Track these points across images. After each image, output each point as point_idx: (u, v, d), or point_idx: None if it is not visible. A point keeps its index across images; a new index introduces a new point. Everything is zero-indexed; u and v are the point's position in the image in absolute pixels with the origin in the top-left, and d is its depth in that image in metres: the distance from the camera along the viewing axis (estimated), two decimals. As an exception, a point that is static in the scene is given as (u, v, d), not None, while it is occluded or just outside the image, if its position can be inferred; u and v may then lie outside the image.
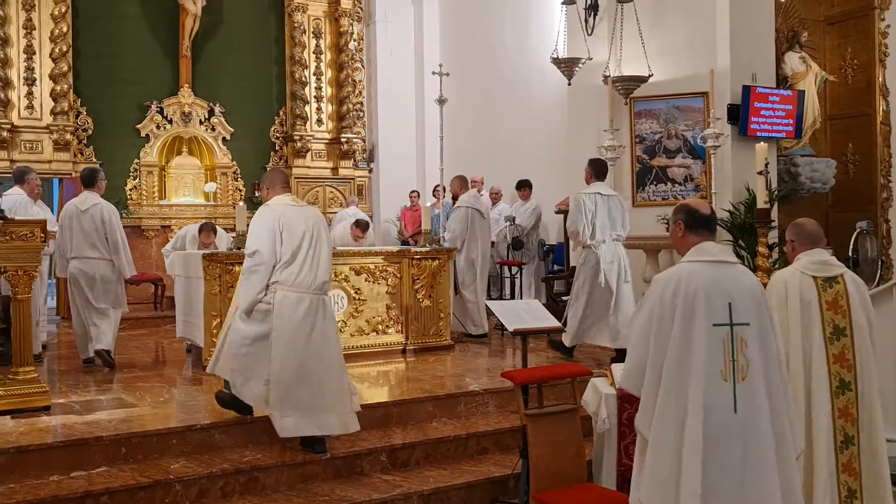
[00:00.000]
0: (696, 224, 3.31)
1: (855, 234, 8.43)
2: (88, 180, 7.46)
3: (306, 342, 4.90)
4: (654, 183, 9.16)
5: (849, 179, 10.54)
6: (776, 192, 8.58)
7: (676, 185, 9.07)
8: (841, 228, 9.96)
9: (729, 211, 8.47)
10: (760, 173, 7.59)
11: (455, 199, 9.27)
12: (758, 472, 3.03)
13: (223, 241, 8.78)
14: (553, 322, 5.35)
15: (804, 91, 9.57)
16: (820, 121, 10.03)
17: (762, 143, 7.94)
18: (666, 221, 8.63)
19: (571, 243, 9.21)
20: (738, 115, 8.67)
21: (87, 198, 7.31)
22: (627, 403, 4.78)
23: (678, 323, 3.10)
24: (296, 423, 4.84)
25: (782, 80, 9.73)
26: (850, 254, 8.28)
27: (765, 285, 4.12)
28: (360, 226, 10.36)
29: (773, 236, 8.23)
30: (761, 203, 7.63)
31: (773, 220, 8.13)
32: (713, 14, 8.79)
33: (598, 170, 7.53)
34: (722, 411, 3.04)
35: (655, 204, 9.08)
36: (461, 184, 9.14)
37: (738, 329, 3.09)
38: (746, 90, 8.63)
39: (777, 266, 8.39)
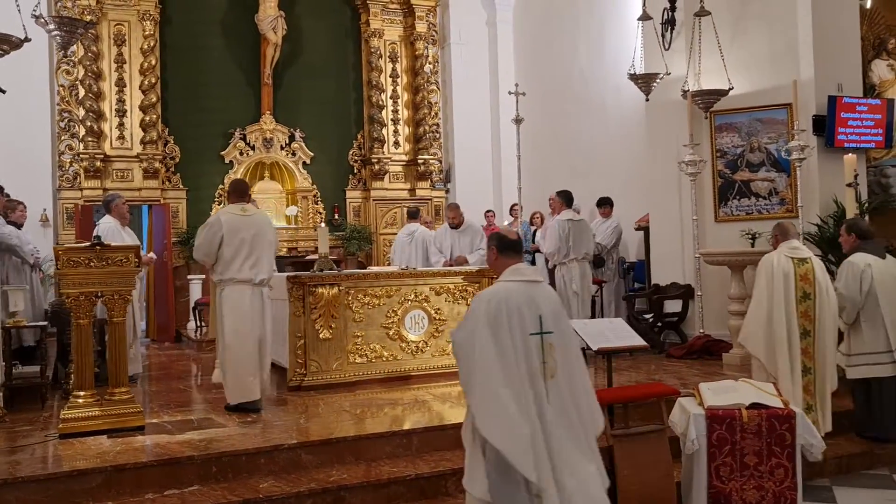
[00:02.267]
0: (506, 248, 3.94)
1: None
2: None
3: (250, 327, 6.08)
4: (738, 197, 8.94)
5: (944, 189, 10.09)
6: (867, 205, 8.27)
7: (761, 199, 8.84)
8: (936, 240, 9.53)
9: (817, 224, 8.21)
10: (850, 185, 7.38)
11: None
12: (570, 454, 3.66)
13: None
14: (638, 340, 5.26)
15: (893, 99, 9.24)
16: (911, 129, 9.65)
17: (850, 154, 7.72)
18: (751, 236, 8.45)
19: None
20: (824, 126, 8.41)
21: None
22: (717, 424, 4.66)
23: (502, 333, 3.65)
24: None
25: (870, 89, 9.42)
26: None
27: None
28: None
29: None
30: (851, 215, 7.39)
31: (866, 234, 7.84)
32: (795, 23, 8.58)
33: (566, 199, 8.93)
34: (540, 406, 3.65)
35: (739, 219, 8.87)
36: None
37: (546, 336, 3.74)
38: (832, 100, 8.37)
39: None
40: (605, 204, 10.75)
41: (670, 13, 9.13)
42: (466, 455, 3.77)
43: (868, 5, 9.62)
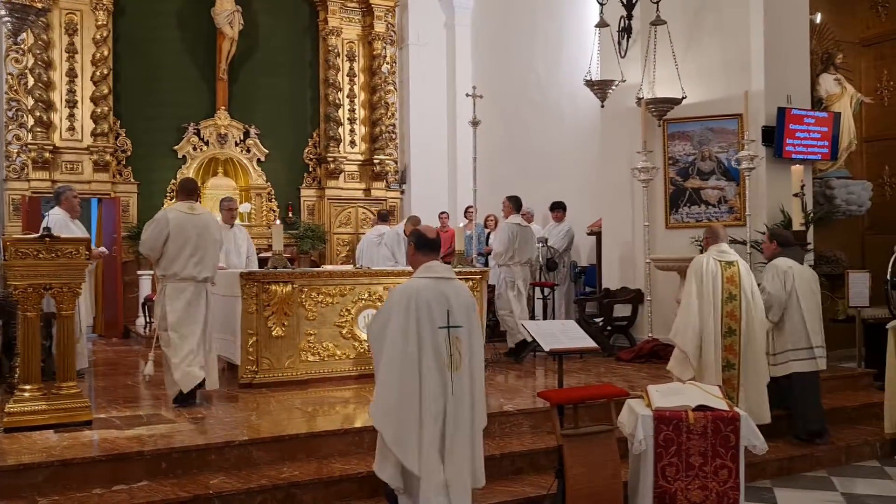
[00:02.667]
0: (423, 246, 4.22)
1: (893, 256, 8.34)
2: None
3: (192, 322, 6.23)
4: (688, 205, 9.13)
5: (885, 201, 10.44)
6: (811, 215, 8.52)
7: (710, 207, 9.04)
8: (878, 251, 9.85)
9: (764, 233, 8.42)
10: (796, 195, 7.60)
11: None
12: (463, 437, 4.01)
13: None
14: (589, 342, 5.34)
15: (840, 113, 9.52)
16: (856, 143, 9.97)
17: (798, 165, 7.94)
18: (699, 243, 8.62)
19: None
20: (773, 137, 8.63)
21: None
22: (664, 425, 4.76)
23: (413, 326, 3.95)
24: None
25: (817, 102, 9.69)
26: (888, 276, 8.18)
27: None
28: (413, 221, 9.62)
29: (808, 259, 8.17)
30: (797, 225, 7.62)
31: (809, 243, 8.09)
32: (747, 36, 8.79)
33: (516, 204, 9.12)
34: (445, 394, 3.97)
35: (689, 226, 9.05)
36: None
37: (454, 330, 4.03)
38: (781, 112, 8.60)
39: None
40: (557, 208, 10.87)
41: (627, 21, 9.28)
42: (378, 442, 4.03)
43: (818, 21, 9.90)
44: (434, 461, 3.90)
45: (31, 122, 11.72)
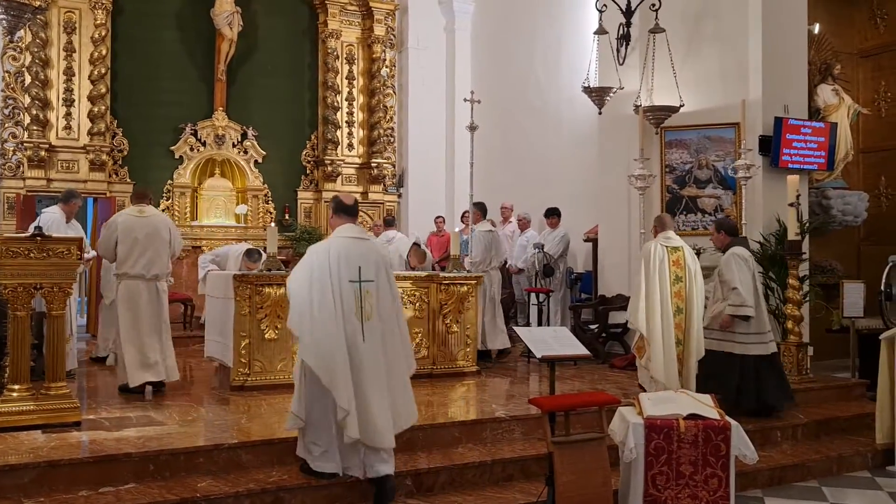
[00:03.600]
0: (341, 211, 4.90)
1: (888, 267, 8.33)
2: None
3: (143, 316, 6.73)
4: (684, 213, 9.12)
5: (881, 212, 10.44)
6: (807, 225, 8.51)
7: (707, 215, 9.03)
8: (873, 262, 9.85)
9: (759, 242, 8.41)
10: (792, 205, 7.57)
11: None
12: (378, 380, 4.59)
13: None
14: (581, 349, 5.32)
15: (837, 123, 9.53)
16: (853, 153, 9.97)
17: (794, 175, 7.92)
18: (696, 252, 8.62)
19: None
20: (770, 146, 8.64)
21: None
22: (655, 433, 4.75)
23: (328, 279, 4.53)
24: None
25: (815, 113, 9.69)
26: (882, 287, 8.17)
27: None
28: (418, 255, 9.44)
29: (803, 268, 8.16)
30: (792, 235, 7.60)
31: (804, 253, 8.07)
32: (745, 45, 8.80)
33: (483, 211, 9.43)
34: (356, 340, 4.55)
35: (685, 234, 9.02)
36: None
37: (365, 284, 4.62)
38: (778, 122, 8.60)
39: (808, 300, 8.32)
40: (552, 214, 10.86)
41: (626, 29, 9.28)
42: (295, 385, 4.69)
43: (816, 31, 9.91)
44: (350, 398, 4.48)
45: (27, 120, 11.69)
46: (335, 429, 4.60)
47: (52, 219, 7.42)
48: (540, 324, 9.69)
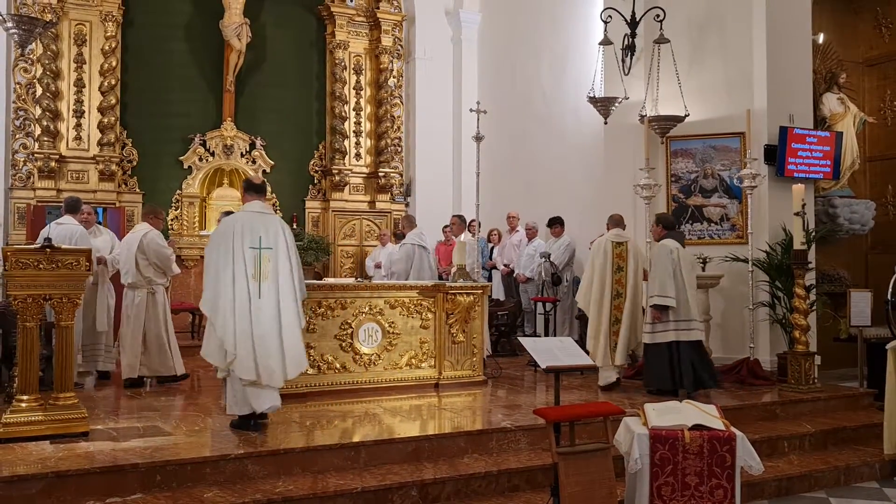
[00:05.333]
0: (249, 189, 6.01)
1: (894, 277, 8.32)
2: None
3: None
4: (690, 222, 9.13)
5: (889, 221, 10.43)
6: (813, 234, 8.51)
7: (713, 224, 9.04)
8: (880, 270, 9.84)
9: (766, 251, 8.42)
10: (797, 214, 7.59)
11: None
12: (271, 330, 5.59)
13: None
14: (586, 360, 5.33)
15: (842, 132, 9.53)
16: (859, 162, 9.98)
17: (799, 184, 7.94)
18: (702, 261, 8.63)
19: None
20: (775, 155, 8.65)
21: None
22: (660, 444, 4.75)
23: (230, 245, 5.59)
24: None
25: (820, 122, 9.70)
26: (889, 296, 8.16)
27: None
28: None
29: (810, 277, 8.16)
30: (798, 244, 7.61)
31: (811, 262, 8.08)
32: (750, 55, 8.82)
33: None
34: (254, 296, 5.56)
35: (691, 243, 9.04)
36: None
37: (264, 251, 5.63)
38: (784, 131, 8.61)
39: (815, 309, 8.31)
40: (555, 223, 10.88)
41: (631, 39, 9.31)
42: (206, 333, 5.73)
43: (821, 41, 9.92)
44: (247, 347, 5.48)
45: (38, 131, 11.80)
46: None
47: (74, 231, 7.49)
48: (547, 333, 9.70)
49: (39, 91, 11.82)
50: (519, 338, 7.23)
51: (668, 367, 7.28)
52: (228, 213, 8.21)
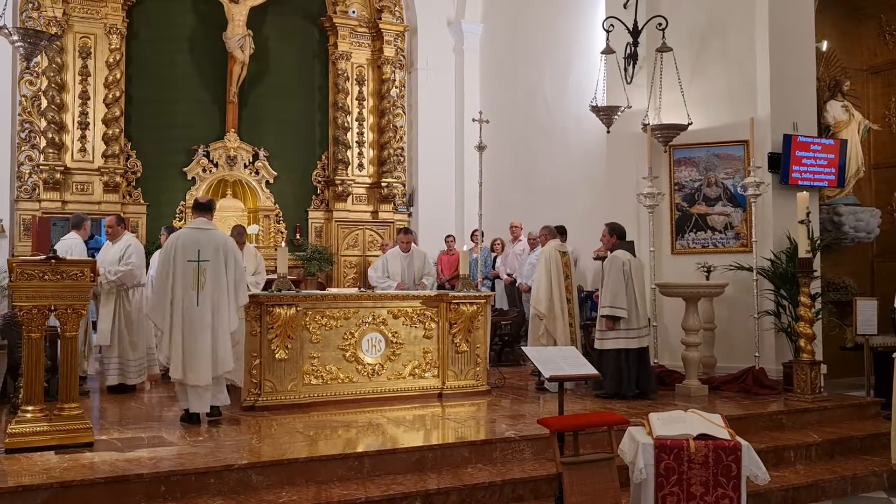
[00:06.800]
0: (195, 207, 6.66)
1: (901, 285, 8.30)
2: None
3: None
4: (694, 231, 9.12)
5: (894, 228, 10.39)
6: (818, 242, 8.49)
7: (717, 232, 9.02)
8: (886, 278, 9.81)
9: (770, 260, 8.39)
10: (802, 222, 7.56)
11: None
12: (203, 335, 6.20)
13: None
14: (590, 369, 5.32)
15: (847, 140, 9.51)
16: (864, 170, 9.95)
17: (804, 192, 7.92)
18: (706, 269, 8.61)
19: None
20: (779, 163, 8.63)
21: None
22: (665, 453, 4.73)
23: (171, 259, 6.21)
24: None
25: (824, 129, 9.69)
26: (895, 304, 8.13)
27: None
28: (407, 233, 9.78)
29: (815, 286, 8.13)
30: (803, 252, 7.58)
31: (816, 270, 8.05)
32: (753, 63, 8.82)
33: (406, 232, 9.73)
34: (191, 305, 6.19)
35: (695, 252, 9.03)
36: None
37: (202, 263, 6.22)
38: (787, 139, 8.60)
39: (821, 318, 8.29)
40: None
41: (633, 48, 9.32)
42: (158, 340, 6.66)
43: (824, 48, 9.92)
44: (178, 348, 6.13)
45: (43, 143, 11.86)
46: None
47: (73, 244, 7.80)
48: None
49: (45, 103, 11.88)
50: (522, 347, 7.23)
51: (616, 372, 7.65)
52: (171, 228, 9.43)
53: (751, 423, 6.85)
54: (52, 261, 5.48)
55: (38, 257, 5.69)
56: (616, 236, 8.09)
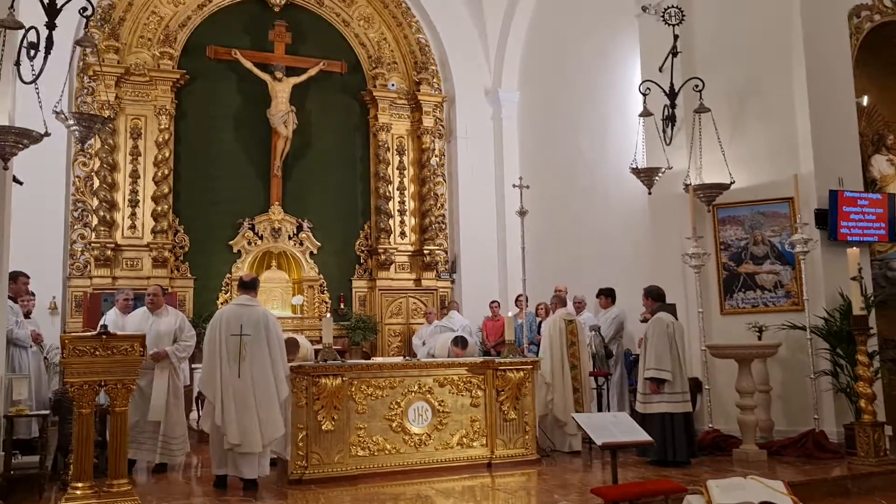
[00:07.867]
0: (240, 286, 7.26)
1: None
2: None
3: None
4: (743, 290, 8.97)
5: (950, 283, 10.09)
6: (872, 298, 8.28)
7: (766, 291, 8.86)
8: (944, 334, 9.47)
9: (824, 318, 8.19)
10: (854, 279, 7.40)
11: None
12: (249, 406, 6.56)
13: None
14: (643, 435, 5.19)
15: (894, 194, 9.35)
16: (914, 223, 9.72)
17: (854, 247, 7.76)
18: (758, 329, 8.43)
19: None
20: (827, 219, 8.51)
21: None
22: (725, 522, 4.55)
23: (217, 334, 6.68)
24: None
25: (870, 184, 9.56)
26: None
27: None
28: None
29: (872, 344, 7.90)
30: (857, 310, 7.40)
31: (872, 328, 7.83)
32: (793, 120, 8.79)
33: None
34: (234, 376, 6.58)
35: (745, 311, 8.87)
36: None
37: (244, 338, 6.65)
38: (834, 194, 8.49)
39: (880, 377, 8.03)
40: (602, 294, 10.76)
41: (671, 110, 9.36)
42: (205, 407, 6.89)
43: (865, 103, 9.85)
44: (231, 415, 6.46)
45: (94, 221, 12.18)
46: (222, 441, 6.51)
47: (112, 318, 7.87)
48: (599, 409, 9.49)
49: (97, 183, 12.24)
50: (572, 414, 7.10)
51: (661, 437, 7.39)
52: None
53: (814, 489, 6.60)
54: (103, 336, 5.57)
55: (90, 333, 5.78)
56: (652, 299, 8.13)
